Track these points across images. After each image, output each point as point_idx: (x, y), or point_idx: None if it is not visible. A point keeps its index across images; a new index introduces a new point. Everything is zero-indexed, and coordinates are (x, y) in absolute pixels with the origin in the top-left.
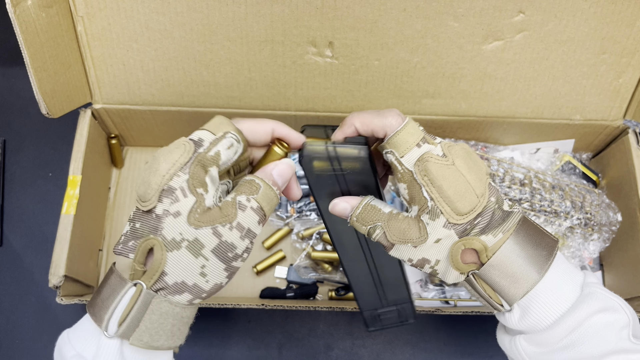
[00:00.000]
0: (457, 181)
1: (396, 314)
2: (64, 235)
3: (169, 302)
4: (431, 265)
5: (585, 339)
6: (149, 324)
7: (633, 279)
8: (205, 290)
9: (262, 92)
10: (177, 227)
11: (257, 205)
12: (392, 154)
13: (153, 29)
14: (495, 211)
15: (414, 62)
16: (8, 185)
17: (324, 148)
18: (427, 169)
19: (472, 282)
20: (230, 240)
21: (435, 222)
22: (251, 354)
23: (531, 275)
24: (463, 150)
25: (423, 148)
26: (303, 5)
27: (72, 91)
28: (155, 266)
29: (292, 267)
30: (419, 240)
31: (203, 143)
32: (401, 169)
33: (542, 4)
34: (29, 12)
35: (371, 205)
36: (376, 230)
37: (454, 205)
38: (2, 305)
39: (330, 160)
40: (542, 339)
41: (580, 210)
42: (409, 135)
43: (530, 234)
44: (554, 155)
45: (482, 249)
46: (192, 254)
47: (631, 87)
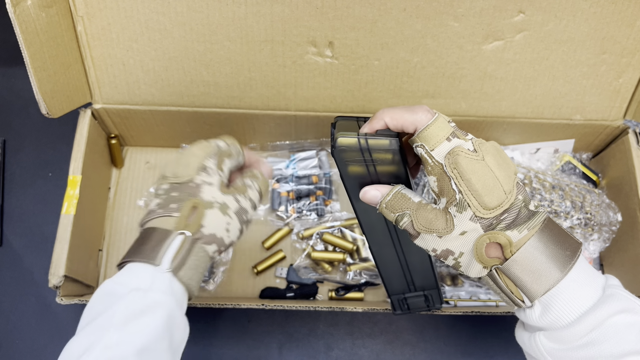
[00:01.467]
0: (486, 176)
1: (423, 299)
2: (64, 235)
3: (203, 250)
4: (455, 257)
5: (605, 338)
6: (191, 263)
7: (633, 279)
8: (225, 244)
9: (262, 92)
10: (212, 192)
11: (258, 187)
12: (422, 147)
13: (153, 29)
14: (521, 209)
15: (414, 62)
16: (8, 185)
17: (356, 139)
18: (457, 162)
19: (495, 276)
20: (244, 206)
21: (462, 215)
22: (251, 354)
23: (554, 273)
24: (493, 147)
25: (453, 142)
26: (303, 5)
27: (72, 91)
28: (197, 218)
29: (292, 267)
30: (444, 231)
31: (223, 147)
32: (431, 162)
33: (542, 4)
34: (28, 12)
35: (401, 193)
36: (404, 217)
37: (482, 199)
38: (2, 305)
39: (361, 151)
40: (562, 336)
41: (580, 210)
42: (439, 130)
43: (555, 233)
44: (554, 155)
45: (506, 243)
46: (222, 212)
47: (631, 87)
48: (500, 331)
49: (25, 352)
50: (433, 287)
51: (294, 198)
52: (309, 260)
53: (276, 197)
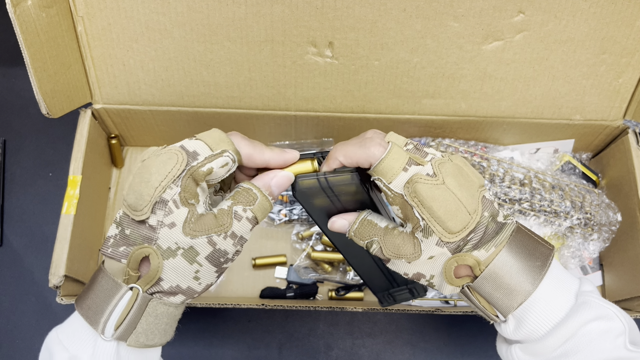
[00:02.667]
0: (448, 201)
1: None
2: (64, 235)
3: (163, 304)
4: (427, 279)
5: (579, 348)
6: (146, 326)
7: (633, 279)
8: (198, 291)
9: (262, 92)
10: (173, 237)
11: (252, 215)
12: (379, 181)
13: (153, 29)
14: (488, 224)
15: (414, 62)
16: (8, 185)
17: (316, 180)
18: (416, 191)
19: (467, 294)
20: (223, 248)
21: (429, 240)
22: (251, 353)
23: (524, 286)
24: (454, 167)
25: (410, 171)
26: (303, 5)
27: (72, 91)
28: (152, 273)
29: (292, 267)
30: (412, 257)
31: (198, 157)
32: (391, 194)
33: (542, 4)
34: (29, 12)
35: (367, 220)
36: (373, 244)
37: (445, 225)
38: (2, 305)
39: (323, 189)
40: (536, 349)
41: (580, 210)
42: (393, 162)
43: (524, 244)
44: (553, 155)
45: (475, 264)
46: (188, 261)
47: (631, 87)
48: None
49: (25, 352)
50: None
51: (287, 201)
52: (309, 260)
53: None
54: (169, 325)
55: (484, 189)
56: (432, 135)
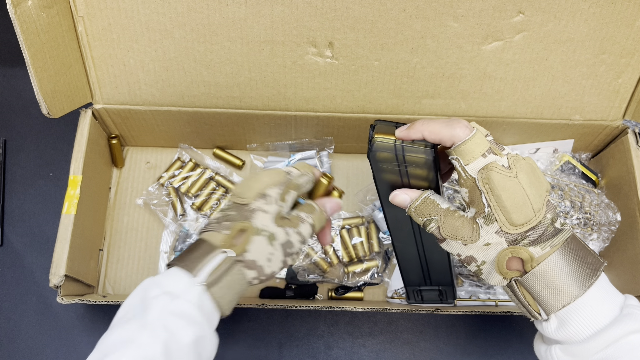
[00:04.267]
0: (517, 194)
1: (437, 293)
2: (65, 235)
3: (241, 273)
4: (477, 264)
5: (618, 355)
6: (226, 284)
7: (632, 279)
8: (265, 274)
9: (262, 92)
10: (264, 220)
11: (312, 222)
12: (457, 161)
13: (153, 29)
14: (548, 227)
15: (414, 62)
16: (9, 185)
17: (393, 145)
18: (489, 178)
19: (514, 287)
20: (292, 240)
21: (489, 227)
22: (251, 353)
23: (573, 289)
24: (528, 165)
25: (489, 158)
26: (303, 5)
27: (73, 91)
28: (244, 242)
29: (292, 267)
30: (469, 240)
31: (292, 175)
32: (465, 176)
33: (542, 4)
34: (29, 12)
35: (430, 199)
36: (432, 222)
37: (509, 215)
38: (2, 305)
39: (396, 156)
40: (577, 350)
41: (579, 210)
42: (475, 146)
43: (577, 251)
44: (553, 155)
45: (528, 259)
46: (268, 242)
47: (630, 87)
48: (500, 331)
49: (25, 352)
50: (448, 283)
51: None
52: (308, 260)
53: None
54: (237, 296)
55: (549, 194)
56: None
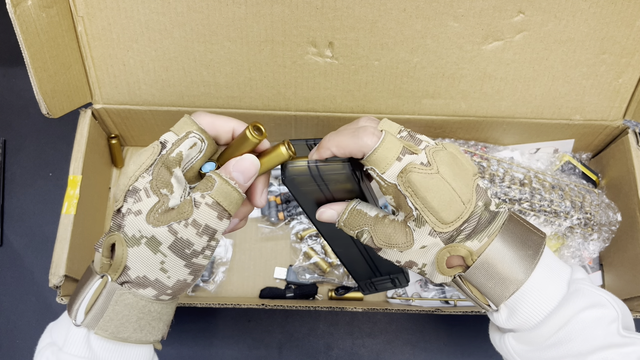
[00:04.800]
0: (442, 191)
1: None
2: (64, 235)
3: (132, 295)
4: (418, 267)
5: (572, 336)
6: (113, 315)
7: (633, 279)
8: (169, 286)
9: (262, 92)
10: (137, 224)
11: (212, 200)
12: (372, 171)
13: (153, 29)
14: (482, 214)
15: (414, 62)
16: (8, 185)
17: (306, 167)
18: (410, 181)
19: (459, 283)
20: (185, 237)
21: (421, 230)
22: (251, 353)
23: (517, 275)
24: (449, 155)
25: (404, 160)
26: (303, 5)
27: (73, 91)
28: (118, 260)
29: (291, 268)
30: (405, 246)
31: (167, 144)
32: (384, 184)
33: (542, 4)
34: (29, 12)
35: (357, 209)
36: (364, 234)
37: (439, 215)
38: (2, 305)
39: (313, 177)
40: (530, 338)
41: (580, 210)
42: (387, 151)
43: (516, 233)
44: (553, 155)
45: (467, 254)
46: (151, 250)
47: (631, 87)
48: None
49: (25, 352)
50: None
51: (281, 203)
52: (308, 260)
53: None
54: (145, 320)
55: (478, 177)
56: (432, 135)
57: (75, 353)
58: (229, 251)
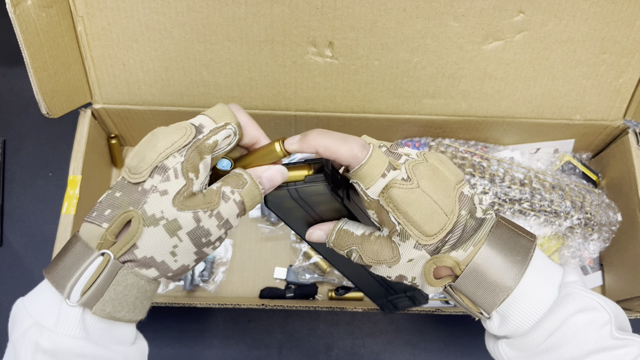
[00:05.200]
0: (423, 204)
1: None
2: (64, 235)
3: (135, 275)
4: (409, 280)
5: (564, 341)
6: (114, 295)
7: (633, 279)
8: (172, 270)
9: (262, 92)
10: (161, 205)
11: (240, 199)
12: (357, 185)
13: (153, 29)
14: (467, 222)
15: (414, 62)
16: (8, 185)
17: (286, 191)
18: (391, 197)
19: (451, 292)
20: (207, 227)
21: (406, 244)
22: (251, 353)
23: (506, 282)
24: (429, 168)
25: (388, 177)
26: (303, 5)
27: (72, 91)
28: (129, 237)
29: (291, 268)
30: (392, 261)
31: (203, 130)
32: (367, 199)
33: (542, 4)
34: (29, 12)
35: (344, 230)
36: (352, 253)
37: (422, 228)
38: (2, 305)
39: (294, 200)
40: (522, 344)
41: (580, 210)
42: (373, 168)
43: (504, 239)
44: (554, 155)
45: (454, 264)
46: (168, 233)
47: (631, 87)
48: None
49: None
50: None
51: None
52: (308, 261)
53: None
54: (139, 300)
55: (463, 184)
56: (432, 135)
57: (70, 334)
58: (229, 251)
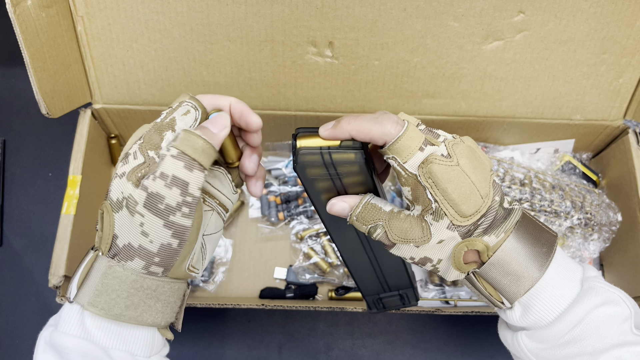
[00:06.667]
0: (462, 183)
1: (398, 298)
2: (64, 235)
3: (122, 268)
4: (433, 263)
5: (587, 334)
6: (102, 288)
7: (633, 279)
8: (154, 252)
9: (262, 92)
10: (120, 186)
11: (176, 151)
12: (394, 160)
13: (153, 29)
14: (498, 210)
15: (414, 62)
16: (8, 185)
17: (319, 155)
18: (431, 172)
19: (473, 280)
20: (155, 191)
21: (439, 224)
22: (251, 354)
23: (532, 272)
24: (468, 148)
25: (426, 151)
26: (303, 5)
27: (72, 91)
28: (106, 229)
29: (291, 268)
30: (421, 240)
31: (161, 115)
32: (405, 174)
33: (542, 4)
34: (29, 12)
35: (371, 204)
36: (377, 229)
37: (459, 207)
38: (2, 305)
39: (325, 166)
40: (544, 335)
41: (580, 210)
42: (410, 140)
43: (530, 230)
44: (554, 155)
45: (484, 249)
46: (130, 212)
47: (631, 87)
48: None
49: (25, 352)
50: (408, 286)
51: (281, 203)
52: (308, 261)
53: (265, 203)
54: (136, 296)
55: (494, 173)
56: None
57: (69, 331)
58: (229, 251)
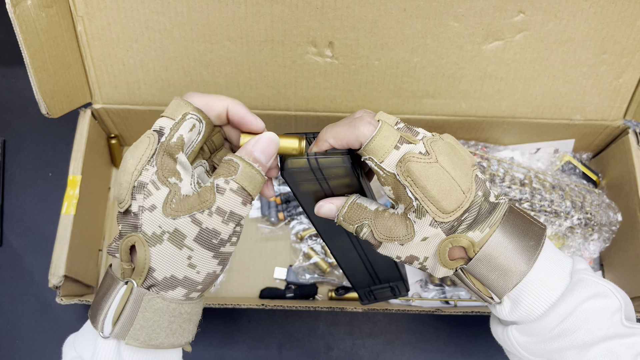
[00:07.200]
0: (441, 179)
1: (389, 290)
2: (64, 235)
3: (162, 299)
4: (420, 261)
5: (576, 327)
6: (144, 322)
7: (633, 279)
8: (199, 282)
9: (262, 92)
10: (155, 220)
11: (237, 186)
12: (371, 160)
13: (153, 29)
14: (482, 204)
15: (414, 62)
16: (8, 185)
17: (306, 160)
18: (409, 170)
19: (461, 276)
20: (211, 227)
21: (422, 221)
22: (251, 354)
23: (519, 267)
24: (447, 145)
25: (402, 149)
26: (303, 5)
27: (72, 91)
28: (141, 263)
29: (291, 268)
30: (405, 239)
31: (164, 131)
32: (383, 174)
33: (542, 4)
34: (28, 12)
35: (357, 203)
36: (363, 228)
37: (439, 204)
38: (2, 305)
39: (312, 171)
40: (533, 329)
41: (580, 210)
42: (384, 140)
43: (517, 224)
44: (554, 155)
45: (469, 245)
46: (176, 245)
47: (631, 87)
48: None
49: (25, 352)
50: (398, 279)
51: (281, 203)
52: (308, 261)
53: (264, 203)
54: (176, 324)
55: (476, 168)
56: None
57: None
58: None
